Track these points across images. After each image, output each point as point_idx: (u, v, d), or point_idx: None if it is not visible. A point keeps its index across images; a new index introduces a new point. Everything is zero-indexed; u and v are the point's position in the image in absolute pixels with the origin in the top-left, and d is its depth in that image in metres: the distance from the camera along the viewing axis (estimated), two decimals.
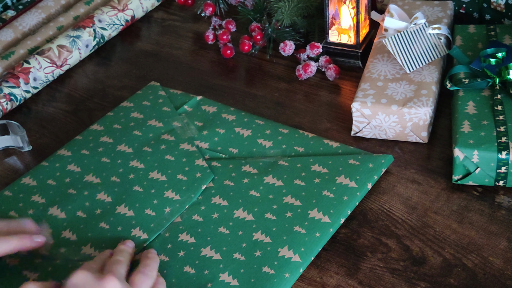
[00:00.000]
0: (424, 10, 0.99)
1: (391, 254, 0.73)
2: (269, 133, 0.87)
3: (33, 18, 1.13)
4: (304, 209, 0.76)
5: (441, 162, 0.83)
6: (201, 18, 1.17)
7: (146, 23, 1.17)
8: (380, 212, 0.78)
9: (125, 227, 0.77)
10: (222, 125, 0.89)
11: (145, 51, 1.11)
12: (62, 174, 0.85)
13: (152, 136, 0.89)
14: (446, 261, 0.72)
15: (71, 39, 1.05)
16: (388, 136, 0.87)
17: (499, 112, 0.80)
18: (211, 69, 1.05)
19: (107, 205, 0.80)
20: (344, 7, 0.97)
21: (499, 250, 0.72)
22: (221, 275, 0.70)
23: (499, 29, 0.93)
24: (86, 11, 1.14)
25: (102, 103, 1.01)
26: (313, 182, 0.79)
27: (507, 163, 0.76)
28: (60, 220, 0.79)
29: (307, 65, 0.99)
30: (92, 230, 0.77)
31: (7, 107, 0.98)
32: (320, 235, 0.73)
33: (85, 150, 0.88)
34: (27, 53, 1.06)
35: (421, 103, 0.83)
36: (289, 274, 0.70)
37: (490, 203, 0.77)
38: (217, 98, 0.98)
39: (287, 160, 0.83)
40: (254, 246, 0.73)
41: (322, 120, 0.92)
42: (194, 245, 0.74)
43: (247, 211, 0.77)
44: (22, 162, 0.92)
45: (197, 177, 0.82)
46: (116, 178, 0.83)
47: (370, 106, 0.84)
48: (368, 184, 0.79)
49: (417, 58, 0.89)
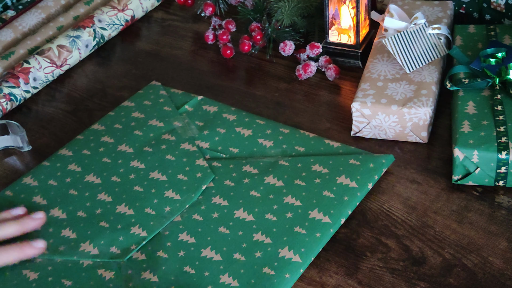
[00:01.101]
0: (424, 10, 0.99)
1: (390, 254, 0.73)
2: (270, 133, 0.87)
3: (33, 18, 1.13)
4: (305, 210, 0.76)
5: (441, 162, 0.83)
6: (201, 18, 1.17)
7: (146, 23, 1.17)
8: (379, 212, 0.78)
9: (125, 225, 0.77)
10: (222, 125, 0.89)
11: (145, 51, 1.11)
12: (63, 174, 0.85)
13: (153, 136, 0.89)
14: (446, 261, 0.72)
15: (71, 39, 1.05)
16: (388, 136, 0.87)
17: (499, 112, 0.80)
18: (211, 69, 1.05)
19: (107, 205, 0.80)
20: (344, 7, 0.97)
21: (499, 250, 0.72)
22: (221, 276, 0.70)
23: (499, 29, 0.93)
24: (86, 11, 1.14)
25: (102, 103, 1.01)
26: (314, 182, 0.79)
27: (507, 163, 0.76)
28: (61, 220, 0.79)
29: (307, 65, 0.99)
30: (92, 228, 0.77)
31: (7, 107, 0.98)
32: (321, 235, 0.73)
33: (86, 150, 0.88)
34: (27, 53, 1.06)
35: (421, 103, 0.83)
36: (290, 275, 0.70)
37: (490, 203, 0.77)
38: (217, 98, 0.98)
39: (287, 160, 0.83)
40: (255, 247, 0.73)
41: (322, 120, 0.92)
42: (194, 246, 0.74)
43: (248, 211, 0.77)
44: (22, 162, 0.92)
45: (198, 177, 0.82)
46: (117, 178, 0.83)
47: (370, 106, 0.84)
48: (368, 184, 0.79)
49: (417, 58, 0.89)
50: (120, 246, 0.75)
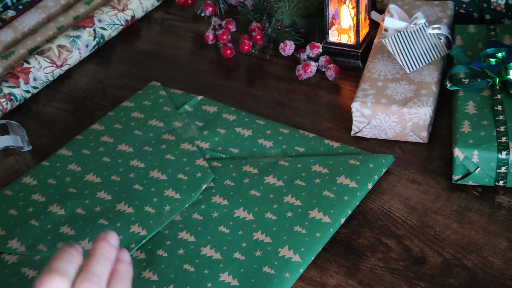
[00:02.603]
0: (424, 10, 0.99)
1: (391, 254, 0.73)
2: (270, 133, 0.87)
3: (33, 18, 1.13)
4: (305, 209, 0.76)
5: (441, 162, 0.83)
6: (201, 18, 1.17)
7: (146, 23, 1.17)
8: (380, 212, 0.78)
9: (124, 224, 0.77)
10: (222, 125, 0.89)
11: (145, 51, 1.11)
12: (63, 174, 0.85)
13: (153, 135, 0.89)
14: (446, 261, 0.72)
15: (71, 39, 1.05)
16: (388, 136, 0.86)
17: (499, 112, 0.80)
18: (211, 69, 1.05)
19: (107, 203, 0.80)
20: (344, 7, 0.97)
21: (499, 250, 0.72)
22: (221, 274, 0.70)
23: (499, 29, 0.93)
24: (86, 11, 1.14)
25: (102, 103, 1.01)
26: (314, 182, 0.79)
27: (507, 163, 0.76)
28: (59, 216, 0.79)
29: (307, 65, 0.99)
30: (91, 226, 0.77)
31: (7, 107, 0.98)
32: (321, 235, 0.73)
33: (85, 149, 0.88)
34: (27, 53, 1.06)
35: (421, 103, 0.83)
36: (289, 274, 0.70)
37: (490, 203, 0.77)
38: (217, 98, 0.98)
39: (287, 160, 0.83)
40: (254, 246, 0.73)
41: (322, 120, 0.92)
42: (194, 244, 0.74)
43: (248, 210, 0.77)
44: (22, 162, 0.92)
45: (198, 177, 0.82)
46: (117, 177, 0.83)
47: (370, 106, 0.84)
48: (368, 184, 0.79)
49: (417, 58, 0.89)
50: (119, 245, 0.75)
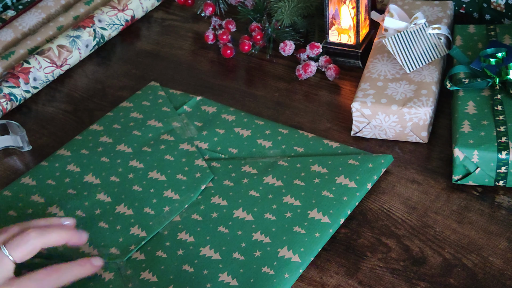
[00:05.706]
0: (424, 10, 0.98)
1: (391, 254, 0.73)
2: (269, 133, 0.87)
3: (33, 18, 1.13)
4: (304, 209, 0.76)
5: (441, 162, 0.83)
6: (201, 18, 1.17)
7: (146, 23, 1.17)
8: (380, 212, 0.78)
9: (124, 226, 0.77)
10: (221, 125, 0.89)
11: (145, 51, 1.11)
12: (62, 174, 0.85)
13: (152, 136, 0.89)
14: (446, 261, 0.72)
15: (71, 39, 1.05)
16: (388, 136, 0.86)
17: (499, 112, 0.80)
18: (211, 69, 1.05)
19: (107, 205, 0.80)
20: (344, 7, 0.97)
21: (499, 250, 0.72)
22: (220, 275, 0.70)
23: (499, 29, 0.93)
24: (86, 11, 1.14)
25: (101, 103, 1.01)
26: (313, 182, 0.79)
27: (507, 163, 0.75)
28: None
29: (307, 65, 0.98)
30: (91, 229, 0.77)
31: (7, 107, 0.98)
32: (320, 235, 0.73)
33: (84, 150, 0.88)
34: (27, 53, 1.06)
35: (421, 103, 0.83)
36: (289, 275, 0.70)
37: (490, 203, 0.77)
38: (217, 98, 0.98)
39: (286, 160, 0.83)
40: (254, 246, 0.73)
41: (322, 120, 0.92)
42: (193, 244, 0.74)
43: (247, 211, 0.77)
44: (22, 162, 0.92)
45: (197, 177, 0.82)
46: (116, 178, 0.83)
47: (370, 106, 0.84)
48: (367, 184, 0.79)
49: (417, 58, 0.89)
50: (119, 247, 0.75)
